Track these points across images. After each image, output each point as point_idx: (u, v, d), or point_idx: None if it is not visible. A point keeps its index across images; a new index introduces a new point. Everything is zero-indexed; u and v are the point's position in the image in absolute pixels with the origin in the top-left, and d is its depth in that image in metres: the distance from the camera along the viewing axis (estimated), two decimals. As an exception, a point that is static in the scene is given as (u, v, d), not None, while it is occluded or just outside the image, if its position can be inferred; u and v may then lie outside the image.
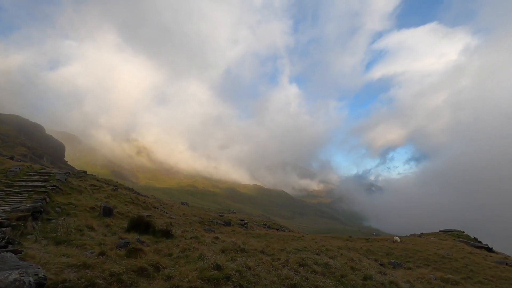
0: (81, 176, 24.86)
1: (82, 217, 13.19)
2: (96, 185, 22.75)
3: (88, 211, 15.20)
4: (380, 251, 19.51)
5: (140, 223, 12.29)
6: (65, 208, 14.28)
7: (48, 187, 16.05)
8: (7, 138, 68.79)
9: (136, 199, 23.75)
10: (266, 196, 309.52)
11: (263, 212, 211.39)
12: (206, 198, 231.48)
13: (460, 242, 27.65)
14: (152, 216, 18.44)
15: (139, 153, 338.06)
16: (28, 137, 79.10)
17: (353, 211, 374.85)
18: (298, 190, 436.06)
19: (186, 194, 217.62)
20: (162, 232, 11.90)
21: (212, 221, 28.51)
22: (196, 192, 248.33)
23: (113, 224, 13.25)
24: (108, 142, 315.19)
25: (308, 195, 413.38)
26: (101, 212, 14.51)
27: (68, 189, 18.27)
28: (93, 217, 13.95)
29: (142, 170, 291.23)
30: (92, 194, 19.89)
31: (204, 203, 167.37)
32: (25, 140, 74.56)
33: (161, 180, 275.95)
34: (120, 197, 21.65)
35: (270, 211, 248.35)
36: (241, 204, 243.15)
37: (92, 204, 16.33)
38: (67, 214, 13.60)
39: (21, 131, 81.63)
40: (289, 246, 14.19)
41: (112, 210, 14.99)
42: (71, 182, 20.06)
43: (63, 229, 9.44)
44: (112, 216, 14.86)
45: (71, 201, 15.59)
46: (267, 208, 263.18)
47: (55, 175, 20.34)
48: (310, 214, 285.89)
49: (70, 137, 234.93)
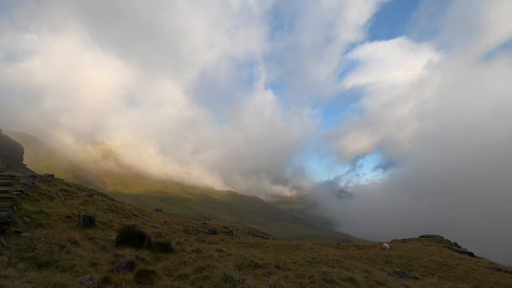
0: (49, 180, 21.89)
1: (59, 228, 11.06)
2: (68, 191, 20.05)
3: (64, 220, 12.96)
4: (378, 259, 19.03)
5: (133, 235, 10.49)
6: (36, 218, 11.99)
7: (13, 192, 13.55)
8: (-46, 137, 60.86)
9: (114, 206, 21.32)
10: (239, 202, 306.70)
11: (236, 219, 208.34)
12: (178, 205, 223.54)
13: (443, 247, 28.27)
14: (137, 225, 16.39)
15: (105, 157, 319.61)
16: (-20, 137, 70.69)
17: (324, 217, 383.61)
18: (271, 196, 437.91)
19: (157, 200, 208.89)
20: (160, 246, 10.21)
21: (197, 230, 26.60)
22: (168, 198, 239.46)
23: (98, 236, 11.25)
24: (71, 144, 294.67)
25: (281, 201, 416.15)
26: (81, 222, 12.38)
27: (37, 195, 15.70)
28: (72, 228, 11.82)
29: (109, 175, 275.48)
30: (64, 200, 17.34)
31: (177, 210, 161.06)
32: (-24, 140, 66.51)
33: (129, 186, 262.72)
34: (97, 204, 19.20)
35: (244, 217, 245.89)
36: (214, 211, 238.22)
37: (67, 212, 14.04)
38: (39, 225, 11.38)
39: (-29, 130, 72.79)
40: (296, 257, 13.07)
41: (93, 220, 12.89)
42: (39, 187, 17.37)
43: (42, 246, 7.50)
44: (93, 226, 12.76)
45: (42, 209, 13.23)
46: (241, 214, 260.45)
47: (19, 178, 17.55)
48: (283, 220, 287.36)
49: (29, 138, 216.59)
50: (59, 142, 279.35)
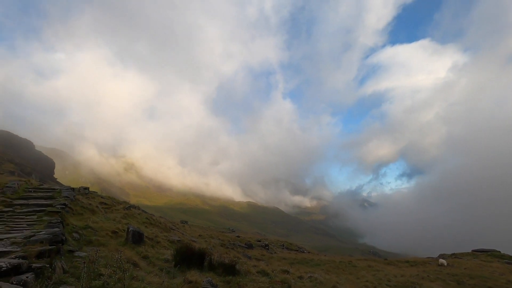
0: (86, 193, 21.47)
1: (111, 246, 10.06)
2: (106, 203, 19.44)
3: (111, 236, 12.03)
4: (447, 279, 16.75)
5: (192, 254, 9.27)
6: (84, 234, 11.12)
7: (57, 206, 12.85)
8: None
9: (151, 219, 20.46)
10: (260, 214, 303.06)
11: (258, 230, 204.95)
12: (199, 216, 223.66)
13: (507, 264, 25.17)
14: (181, 240, 15.27)
15: (127, 170, 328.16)
16: (16, 153, 73.83)
17: (347, 228, 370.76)
18: (291, 206, 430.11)
19: (178, 212, 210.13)
20: (224, 267, 8.91)
21: (233, 244, 25.21)
22: (189, 210, 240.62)
23: (151, 255, 10.14)
24: (95, 157, 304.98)
25: (302, 212, 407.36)
26: (130, 237, 11.37)
27: (79, 208, 15.03)
28: (122, 245, 10.82)
29: (132, 187, 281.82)
30: (105, 214, 16.61)
31: (198, 221, 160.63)
32: (13, 156, 69.41)
33: (151, 198, 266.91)
34: (136, 217, 18.38)
35: (265, 228, 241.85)
36: (235, 222, 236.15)
37: (112, 227, 13.15)
38: (89, 242, 10.46)
39: (9, 147, 76.31)
40: (368, 279, 11.31)
41: (142, 236, 11.86)
42: (80, 200, 16.78)
43: (105, 270, 6.41)
44: (143, 242, 11.71)
45: (88, 224, 12.40)
46: (262, 225, 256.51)
47: (61, 191, 17.06)
48: (305, 231, 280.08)
49: (58, 152, 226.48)
50: (84, 155, 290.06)
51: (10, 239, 7.99)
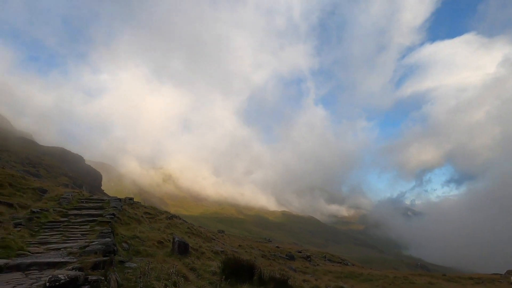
0: (132, 203, 22.27)
1: (158, 257, 9.97)
2: (150, 213, 19.92)
3: (157, 246, 12.04)
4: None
5: (240, 267, 8.78)
6: (132, 244, 11.21)
7: (106, 216, 13.24)
8: (51, 169, 70.37)
9: (193, 229, 20.53)
10: (295, 223, 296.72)
11: (294, 240, 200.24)
12: (234, 226, 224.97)
13: None
14: (225, 251, 14.93)
15: (165, 180, 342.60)
16: (69, 167, 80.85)
17: (389, 239, 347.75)
18: (328, 216, 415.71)
19: (214, 221, 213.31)
20: (275, 282, 8.29)
21: (274, 255, 24.39)
22: (224, 220, 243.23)
23: (198, 266, 9.86)
24: (136, 169, 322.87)
25: (339, 221, 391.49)
26: (176, 248, 11.25)
27: (126, 218, 15.44)
28: (168, 256, 10.71)
29: (170, 198, 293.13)
30: (150, 224, 16.92)
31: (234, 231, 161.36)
32: (67, 170, 76.05)
33: (188, 208, 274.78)
34: (178, 227, 18.52)
35: (301, 238, 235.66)
36: (270, 231, 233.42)
37: (158, 237, 13.22)
38: (137, 252, 10.48)
39: (63, 161, 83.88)
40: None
41: (187, 246, 11.70)
42: (127, 210, 17.32)
43: (156, 283, 6.16)
44: (188, 253, 11.54)
45: (136, 234, 12.57)
46: (298, 235, 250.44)
47: (109, 202, 17.78)
48: (343, 242, 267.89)
49: (105, 166, 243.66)
50: (126, 168, 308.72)
51: (66, 249, 8.18)
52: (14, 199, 14.73)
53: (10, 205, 13.66)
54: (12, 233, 8.71)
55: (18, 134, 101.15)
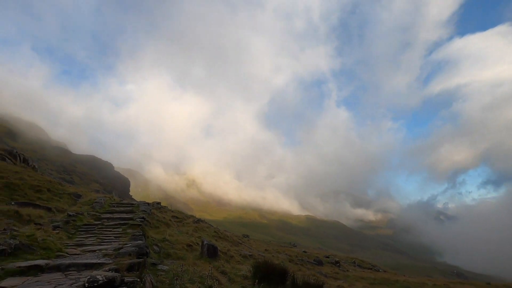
0: (160, 207, 22.75)
1: (189, 260, 9.96)
2: (178, 217, 20.20)
3: (186, 249, 12.08)
4: None
5: (272, 271, 8.52)
6: (163, 246, 11.31)
7: (137, 219, 13.51)
8: (83, 176, 74.33)
9: (220, 233, 20.53)
10: (319, 228, 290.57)
11: (319, 245, 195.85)
12: (257, 230, 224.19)
13: None
14: (253, 255, 14.72)
15: (189, 186, 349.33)
16: (100, 174, 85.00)
17: (421, 244, 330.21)
18: (353, 220, 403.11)
19: (238, 226, 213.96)
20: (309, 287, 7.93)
21: (302, 260, 23.79)
22: (247, 224, 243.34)
23: (228, 270, 9.73)
24: (161, 175, 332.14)
25: (366, 226, 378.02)
26: (205, 251, 11.22)
27: (155, 221, 15.71)
28: (198, 259, 10.68)
29: (194, 202, 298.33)
30: (178, 227, 17.13)
31: (257, 235, 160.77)
32: (98, 177, 79.97)
33: (212, 212, 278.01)
34: (206, 230, 18.59)
35: (326, 243, 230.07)
36: (294, 236, 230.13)
37: (187, 240, 13.29)
38: (167, 255, 10.54)
39: (94, 168, 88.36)
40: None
41: (216, 249, 11.64)
42: (155, 213, 17.66)
43: (191, 286, 6.07)
44: (217, 257, 11.47)
45: (165, 237, 12.71)
46: (323, 240, 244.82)
47: (139, 205, 18.22)
48: (371, 247, 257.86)
49: (132, 172, 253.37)
50: (152, 173, 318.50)
51: (101, 251, 8.35)
52: (52, 203, 15.49)
53: (48, 209, 14.36)
54: (51, 235, 9.06)
55: (54, 144, 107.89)
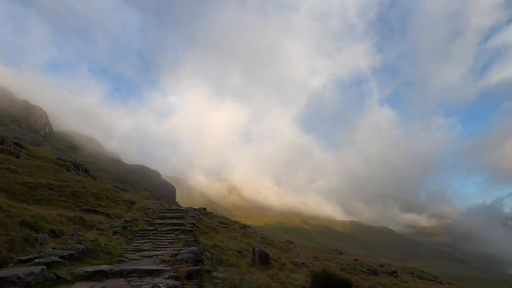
0: (206, 213, 23.12)
1: (242, 267, 9.65)
2: (224, 223, 20.28)
3: (237, 256, 11.82)
4: None
5: (333, 282, 7.79)
6: (214, 253, 11.18)
7: (187, 225, 13.65)
8: (135, 184, 79.92)
9: (267, 239, 20.09)
10: (366, 234, 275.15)
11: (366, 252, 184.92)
12: (299, 236, 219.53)
13: None
14: (305, 263, 13.99)
15: (230, 192, 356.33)
16: (149, 182, 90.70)
17: (485, 253, 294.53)
18: (404, 226, 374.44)
19: (280, 231, 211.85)
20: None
21: (354, 268, 22.25)
22: (289, 229, 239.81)
23: (284, 279, 9.22)
24: (203, 181, 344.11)
25: (419, 233, 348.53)
26: (256, 258, 10.85)
27: (204, 227, 15.82)
28: (250, 266, 10.34)
29: (236, 208, 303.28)
30: (226, 233, 17.08)
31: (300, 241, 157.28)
32: (147, 185, 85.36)
33: (254, 218, 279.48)
34: (253, 236, 18.30)
35: (374, 250, 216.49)
36: (338, 242, 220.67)
37: (236, 246, 13.07)
38: (220, 261, 10.34)
39: (143, 177, 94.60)
40: None
41: (268, 257, 11.20)
42: (203, 219, 17.85)
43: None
44: (269, 264, 11.02)
45: (215, 243, 12.62)
46: (370, 247, 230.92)
47: (187, 212, 18.61)
48: (426, 256, 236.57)
49: (177, 180, 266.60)
50: (194, 180, 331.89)
51: (158, 257, 8.40)
52: (110, 209, 16.49)
53: (107, 215, 15.25)
54: (112, 240, 9.42)
55: (109, 155, 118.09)
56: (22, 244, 6.98)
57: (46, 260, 5.98)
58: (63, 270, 5.86)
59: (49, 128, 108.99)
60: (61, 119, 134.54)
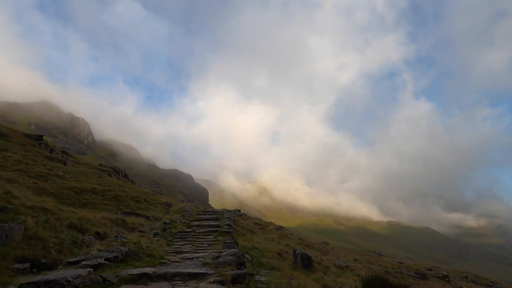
0: (241, 215, 22.96)
1: (284, 270, 9.17)
2: (260, 224, 19.94)
3: (277, 258, 11.36)
4: None
5: None
6: (254, 255, 10.81)
7: (224, 226, 13.47)
8: (170, 188, 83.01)
9: (304, 240, 19.38)
10: (406, 235, 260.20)
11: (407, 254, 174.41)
12: (334, 237, 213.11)
13: None
14: (349, 267, 13.15)
15: (261, 193, 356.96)
16: (182, 185, 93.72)
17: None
18: (448, 226, 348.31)
19: (313, 232, 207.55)
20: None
21: (401, 272, 20.72)
22: (323, 231, 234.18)
23: (330, 284, 8.58)
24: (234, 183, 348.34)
25: (466, 233, 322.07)
26: (298, 261, 10.30)
27: (240, 228, 15.58)
28: (292, 269, 9.81)
29: (267, 209, 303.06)
30: (262, 234, 16.70)
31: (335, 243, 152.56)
32: (181, 188, 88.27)
33: (286, 219, 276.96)
34: (290, 238, 17.74)
35: (415, 252, 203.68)
36: (375, 244, 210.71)
37: (275, 248, 12.62)
38: (260, 264, 9.94)
39: (178, 180, 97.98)
40: None
41: (311, 259, 10.60)
42: (239, 220, 17.65)
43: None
44: (312, 267, 10.41)
45: (254, 245, 12.27)
46: (411, 248, 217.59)
47: (223, 213, 18.53)
48: (475, 258, 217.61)
49: (209, 182, 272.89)
50: (226, 183, 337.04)
51: (199, 259, 8.20)
52: (149, 212, 16.87)
53: (147, 218, 15.57)
54: (153, 242, 9.44)
55: (145, 161, 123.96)
56: (70, 246, 7.14)
57: (92, 263, 6.00)
58: (109, 272, 5.82)
59: (91, 138, 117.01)
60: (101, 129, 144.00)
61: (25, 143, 23.47)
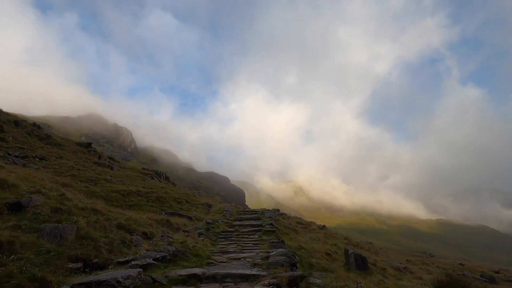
0: (281, 214, 22.37)
1: (339, 272, 8.39)
2: (302, 223, 19.15)
3: (327, 258, 10.58)
4: None
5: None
6: (301, 255, 10.16)
7: (266, 226, 12.96)
8: (208, 190, 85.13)
9: (351, 240, 18.19)
10: (459, 234, 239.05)
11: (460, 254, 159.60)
12: (377, 237, 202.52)
13: None
14: (407, 268, 11.88)
15: (297, 193, 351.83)
16: (219, 187, 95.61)
17: None
18: (509, 224, 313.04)
19: (354, 232, 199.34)
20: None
21: (463, 275, 18.53)
22: (365, 230, 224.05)
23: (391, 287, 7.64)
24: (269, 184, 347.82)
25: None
26: (352, 262, 9.43)
27: (283, 228, 14.98)
28: (346, 271, 8.99)
29: (304, 209, 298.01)
30: (306, 234, 15.94)
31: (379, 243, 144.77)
32: (218, 190, 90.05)
33: (324, 218, 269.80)
34: (335, 237, 16.74)
35: (471, 253, 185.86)
36: (425, 244, 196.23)
37: (323, 248, 11.83)
38: (311, 265, 9.25)
39: (215, 182, 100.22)
40: None
41: (366, 261, 9.66)
42: (280, 220, 17.07)
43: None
44: (367, 269, 9.48)
45: (300, 244, 11.60)
46: (465, 249, 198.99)
47: (263, 213, 18.09)
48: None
49: (244, 183, 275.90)
50: (261, 183, 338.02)
51: (246, 259, 7.77)
52: (191, 212, 17.00)
53: (189, 218, 15.66)
54: (198, 241, 9.25)
55: (183, 165, 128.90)
56: (119, 245, 7.15)
57: (141, 262, 5.84)
58: (158, 273, 5.61)
59: (134, 145, 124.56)
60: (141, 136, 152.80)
61: (77, 151, 25.26)
